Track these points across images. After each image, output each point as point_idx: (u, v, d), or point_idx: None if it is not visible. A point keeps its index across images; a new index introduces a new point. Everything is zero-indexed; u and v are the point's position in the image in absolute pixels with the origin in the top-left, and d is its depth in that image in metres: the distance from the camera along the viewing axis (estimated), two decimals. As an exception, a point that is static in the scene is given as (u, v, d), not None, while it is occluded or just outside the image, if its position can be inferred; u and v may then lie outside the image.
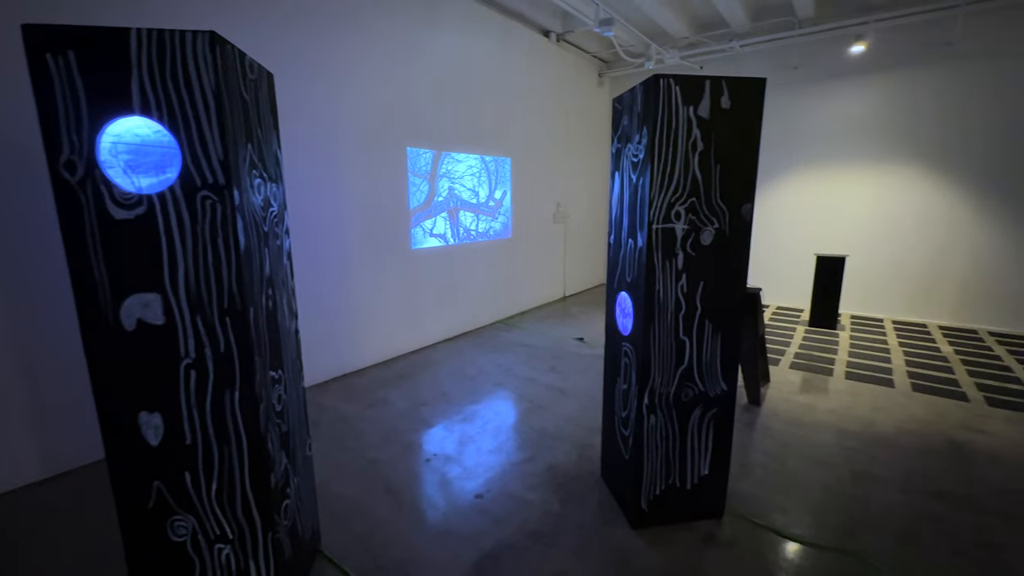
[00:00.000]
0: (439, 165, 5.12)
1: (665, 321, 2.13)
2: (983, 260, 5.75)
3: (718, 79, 1.98)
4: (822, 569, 2.09)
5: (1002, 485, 2.67)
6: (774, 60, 6.63)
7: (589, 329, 5.84)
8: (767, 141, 6.72)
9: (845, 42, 6.10)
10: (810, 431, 3.30)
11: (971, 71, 5.55)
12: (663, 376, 2.19)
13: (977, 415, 3.53)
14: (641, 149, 2.05)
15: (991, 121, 5.52)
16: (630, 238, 2.21)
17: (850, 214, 6.48)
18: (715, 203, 2.07)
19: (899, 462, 2.91)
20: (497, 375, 4.37)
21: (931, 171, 5.91)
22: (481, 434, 3.30)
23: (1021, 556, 2.15)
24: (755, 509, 2.49)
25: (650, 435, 2.24)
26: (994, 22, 5.35)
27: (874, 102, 6.16)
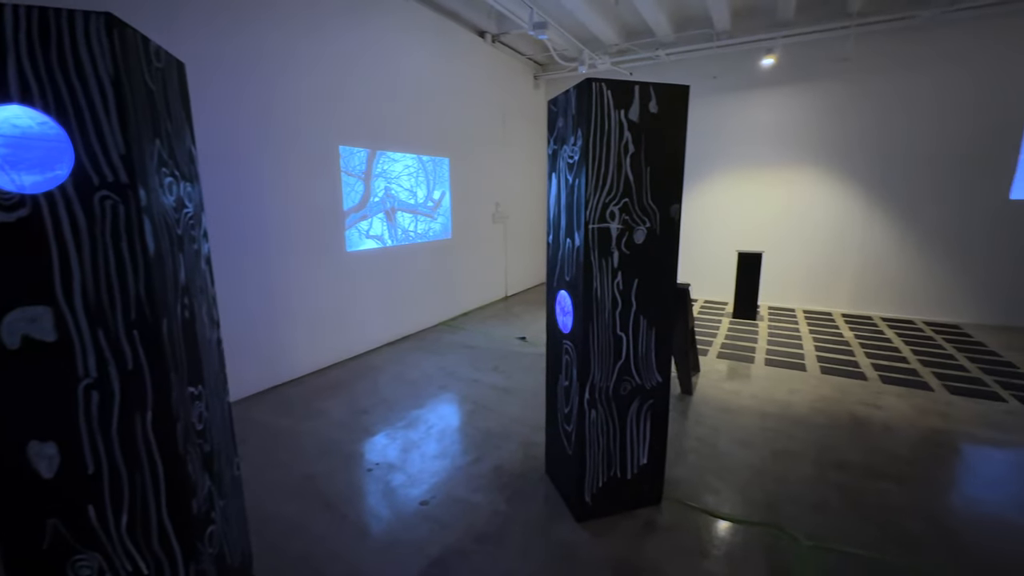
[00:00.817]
0: (374, 164, 4.96)
1: (603, 318, 2.19)
2: (875, 254, 6.47)
3: (646, 85, 2.07)
4: (748, 543, 2.25)
5: (895, 453, 3.02)
6: (696, 70, 7.05)
7: (531, 328, 5.91)
8: (691, 145, 7.13)
9: (757, 55, 6.62)
10: (736, 415, 3.54)
11: (864, 83, 6.23)
12: (602, 371, 2.25)
13: (874, 392, 3.96)
14: (576, 151, 2.10)
15: (881, 129, 6.22)
16: (568, 238, 2.26)
17: (766, 213, 7.05)
18: (646, 203, 2.16)
19: (811, 438, 3.20)
20: (440, 378, 4.31)
21: (831, 174, 6.57)
22: (425, 439, 3.23)
23: (912, 516, 2.43)
24: (690, 492, 2.63)
25: (592, 429, 2.30)
26: (881, 41, 6.03)
27: (783, 111, 6.74)
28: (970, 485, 2.73)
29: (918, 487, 2.66)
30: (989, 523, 2.37)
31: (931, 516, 2.42)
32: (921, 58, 5.89)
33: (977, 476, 2.83)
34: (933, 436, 3.23)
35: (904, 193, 6.21)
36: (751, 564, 2.12)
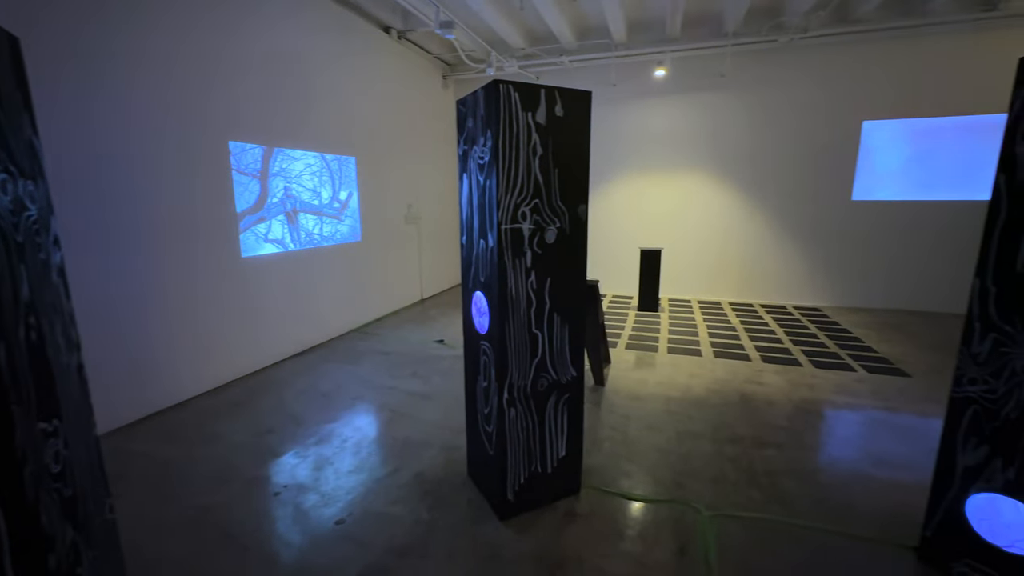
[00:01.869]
0: (271, 162, 4.59)
1: (519, 317, 2.23)
2: (754, 248, 7.31)
3: (552, 89, 2.13)
4: (658, 520, 2.42)
5: (776, 423, 3.43)
6: (597, 77, 7.45)
7: (449, 330, 5.84)
8: (595, 149, 7.53)
9: (651, 67, 7.16)
10: (645, 402, 3.80)
11: (737, 97, 7.00)
12: (520, 370, 2.29)
13: (756, 371, 4.47)
14: (487, 152, 2.11)
15: (752, 138, 7.04)
16: (481, 238, 2.26)
17: (664, 212, 7.65)
18: (556, 204, 2.23)
19: (709, 417, 3.53)
20: (354, 388, 4.10)
21: (717, 177, 7.30)
22: (339, 454, 3.05)
23: (790, 477, 2.78)
24: (606, 479, 2.76)
25: (512, 428, 2.33)
26: (751, 60, 6.82)
27: (674, 119, 7.36)
28: (832, 445, 3.18)
29: (793, 451, 3.05)
30: (846, 475, 2.78)
31: (803, 475, 2.78)
32: (782, 76, 6.76)
33: (837, 436, 3.31)
34: (803, 405, 3.72)
35: (773, 194, 7.09)
36: (661, 539, 2.28)
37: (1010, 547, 1.84)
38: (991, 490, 1.88)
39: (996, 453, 1.85)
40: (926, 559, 2.11)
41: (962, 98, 6.14)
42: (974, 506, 1.93)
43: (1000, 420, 1.83)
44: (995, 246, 1.80)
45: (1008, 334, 1.79)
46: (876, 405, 3.73)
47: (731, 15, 5.96)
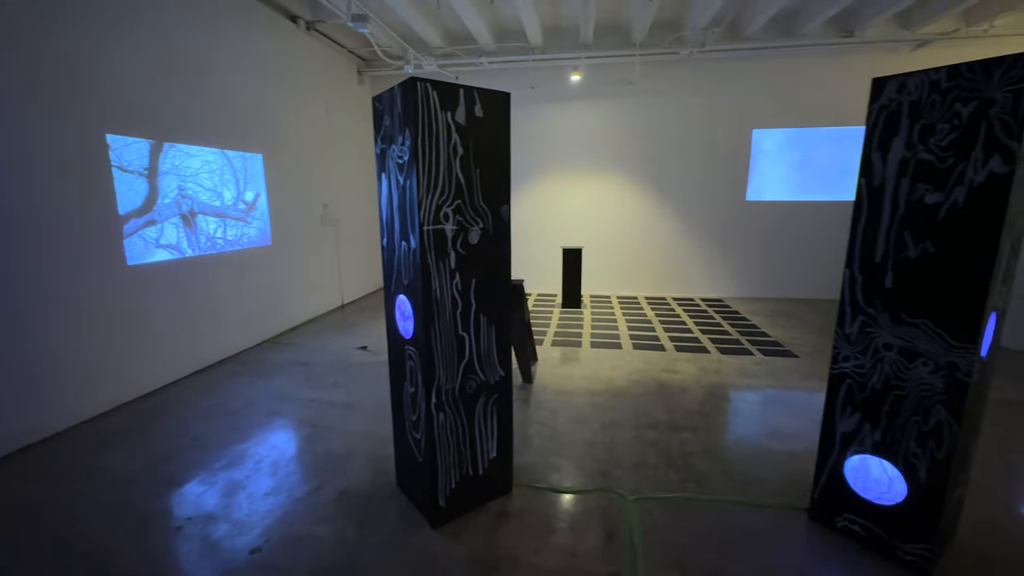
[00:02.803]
0: (161, 159, 4.11)
1: (444, 319, 2.19)
2: (665, 245, 7.84)
3: (471, 89, 2.12)
4: (588, 509, 2.50)
5: (689, 407, 3.69)
6: (516, 79, 7.56)
7: (372, 336, 5.63)
8: (516, 149, 7.65)
9: (567, 72, 7.40)
10: (571, 396, 3.92)
11: (646, 104, 7.46)
12: (447, 373, 2.25)
13: (671, 359, 4.79)
14: (406, 151, 2.05)
15: (660, 142, 7.53)
16: (403, 240, 2.19)
17: (584, 212, 7.95)
18: (479, 204, 2.22)
19: (630, 406, 3.72)
20: (268, 403, 3.80)
21: (630, 178, 7.73)
22: (254, 476, 2.81)
23: (703, 457, 3.00)
24: (537, 475, 2.81)
25: (441, 432, 2.28)
26: (657, 70, 7.30)
27: (591, 122, 7.67)
28: (737, 423, 3.49)
29: (705, 432, 3.30)
30: (750, 450, 3.07)
31: (714, 453, 3.03)
32: (684, 86, 7.32)
33: (741, 415, 3.64)
34: (712, 389, 4.04)
35: (679, 195, 7.65)
36: (591, 528, 2.36)
37: (878, 499, 2.13)
38: (863, 452, 2.17)
39: (865, 419, 2.14)
40: (815, 518, 2.38)
41: (832, 111, 7.05)
42: (850, 467, 2.22)
43: (868, 391, 2.12)
44: (859, 240, 2.08)
45: (871, 316, 2.08)
46: (771, 384, 4.15)
47: (638, 27, 6.33)
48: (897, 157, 1.94)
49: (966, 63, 1.74)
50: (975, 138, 1.73)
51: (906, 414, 2.01)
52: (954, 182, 1.80)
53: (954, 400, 1.87)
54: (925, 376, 1.94)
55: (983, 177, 1.73)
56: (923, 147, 1.86)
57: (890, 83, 1.93)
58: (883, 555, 2.14)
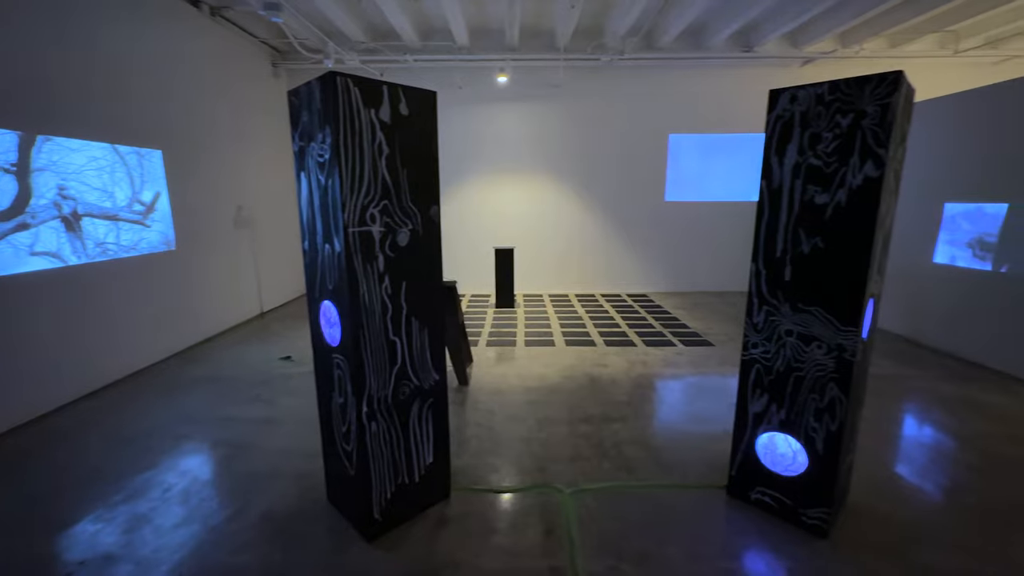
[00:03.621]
0: (34, 153, 3.59)
1: (374, 325, 2.11)
2: (592, 243, 8.13)
3: (395, 86, 2.06)
4: (527, 507, 2.53)
5: (619, 399, 3.86)
6: (443, 78, 7.48)
7: (297, 345, 5.30)
8: (447, 149, 7.57)
9: (494, 72, 7.44)
10: (507, 395, 3.94)
11: (572, 107, 7.70)
12: (379, 380, 2.17)
13: (601, 354, 4.97)
14: (327, 149, 1.94)
15: (585, 144, 7.81)
16: (326, 243, 2.08)
17: (516, 212, 8.04)
18: (407, 205, 2.16)
19: (563, 402, 3.81)
20: (177, 425, 3.45)
21: (559, 179, 7.93)
22: (161, 507, 2.54)
23: (633, 445, 3.15)
24: (475, 477, 2.79)
25: (374, 442, 2.20)
26: (582, 74, 7.55)
27: (520, 124, 7.78)
28: (663, 411, 3.70)
29: (634, 421, 3.47)
30: (675, 435, 3.27)
31: (643, 441, 3.19)
32: (606, 91, 7.64)
33: (666, 403, 3.86)
34: (640, 380, 4.25)
35: (604, 195, 7.98)
36: (530, 525, 2.38)
37: (785, 471, 2.36)
38: (771, 429, 2.38)
39: (772, 400, 2.36)
40: (733, 493, 2.58)
41: (737, 119, 7.69)
42: (760, 444, 2.43)
43: (773, 374, 2.33)
44: (763, 237, 2.28)
45: (774, 306, 2.29)
46: (692, 372, 4.45)
47: (561, 32, 6.51)
48: (791, 162, 2.15)
49: (843, 79, 1.97)
50: (853, 146, 1.97)
51: (805, 393, 2.24)
52: (837, 185, 2.03)
53: (843, 378, 2.11)
54: (819, 358, 2.17)
55: (860, 180, 1.97)
56: (812, 153, 2.08)
57: (784, 95, 2.14)
58: (790, 521, 2.36)
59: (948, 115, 4.92)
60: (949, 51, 6.98)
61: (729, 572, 2.07)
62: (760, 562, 2.14)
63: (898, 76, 1.85)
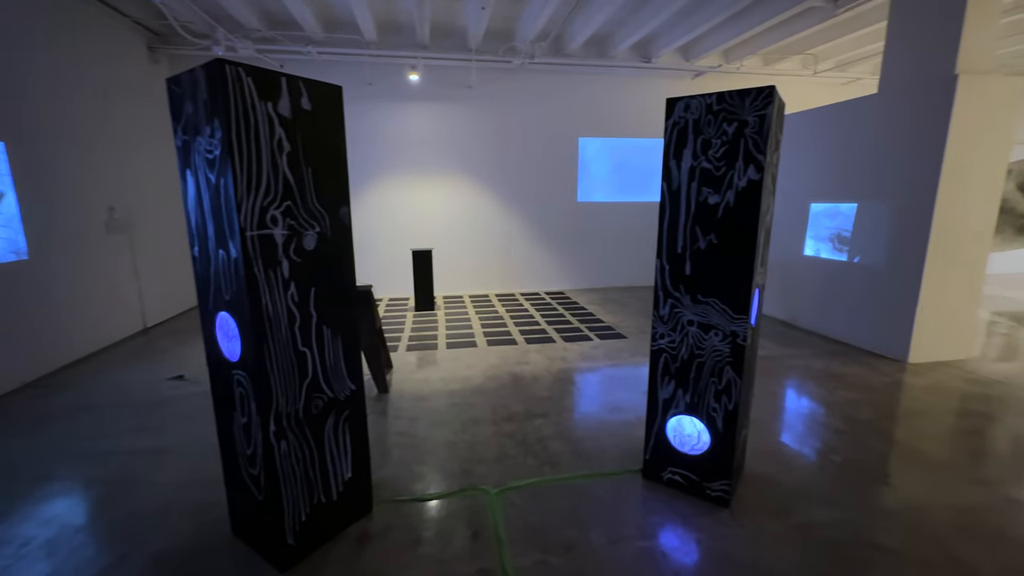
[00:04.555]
0: None
1: (280, 336, 1.95)
2: (512, 243, 8.25)
3: (295, 79, 1.92)
4: (454, 512, 2.49)
5: (541, 395, 3.94)
6: (352, 74, 7.15)
7: (191, 363, 4.76)
8: (359, 148, 7.26)
9: (405, 70, 7.26)
10: (430, 400, 3.86)
11: (487, 108, 7.74)
12: (288, 395, 2.01)
13: (523, 352, 5.06)
14: (216, 144, 1.76)
15: (500, 145, 7.89)
16: (220, 248, 1.88)
17: (434, 213, 7.91)
18: (313, 206, 2.02)
19: (487, 402, 3.82)
20: (35, 466, 2.94)
21: (476, 179, 7.94)
22: (16, 566, 2.14)
23: (556, 440, 3.24)
24: (399, 488, 2.70)
25: (285, 463, 2.03)
26: (495, 76, 7.61)
27: (434, 123, 7.66)
28: (583, 403, 3.85)
29: (556, 416, 3.57)
30: (594, 426, 3.41)
31: (565, 434, 3.29)
32: (519, 93, 7.79)
33: (585, 396, 4.02)
34: (560, 375, 4.39)
35: (520, 196, 8.14)
36: (457, 530, 2.35)
37: (691, 451, 2.56)
38: (678, 413, 2.57)
39: (679, 386, 2.55)
40: (647, 476, 2.75)
41: (641, 124, 8.22)
42: (670, 427, 2.61)
43: (679, 361, 2.52)
44: (665, 235, 2.46)
45: (677, 298, 2.47)
46: (608, 364, 4.68)
47: (473, 32, 6.51)
48: (687, 165, 2.33)
49: (728, 91, 2.17)
50: (738, 151, 2.18)
51: (706, 377, 2.45)
52: (726, 186, 2.24)
53: (737, 361, 2.34)
54: (717, 344, 2.38)
55: (744, 183, 2.19)
56: (704, 158, 2.28)
57: (679, 103, 2.31)
58: (697, 495, 2.57)
59: (810, 126, 5.67)
60: (810, 71, 8.04)
61: (646, 550, 2.20)
62: (673, 537, 2.30)
63: (771, 90, 2.08)
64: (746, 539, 2.27)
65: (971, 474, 2.79)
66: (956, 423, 3.45)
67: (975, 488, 2.65)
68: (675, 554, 2.19)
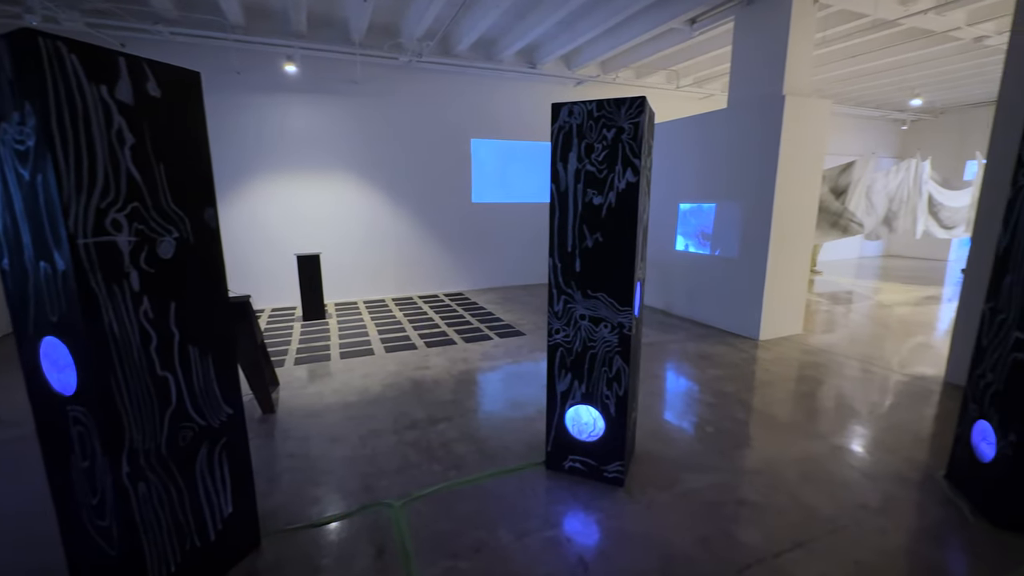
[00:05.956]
0: None
1: (131, 361, 1.66)
2: (406, 245, 8.02)
3: (138, 60, 1.64)
4: (355, 532, 2.34)
5: (444, 399, 3.89)
6: (216, 61, 6.38)
7: (6, 400, 3.88)
8: (230, 143, 6.51)
9: (281, 60, 6.66)
10: (324, 416, 3.59)
11: (376, 105, 7.42)
12: (145, 429, 1.72)
13: (422, 356, 4.95)
14: (29, 133, 1.44)
15: (391, 144, 7.62)
16: (41, 260, 1.55)
17: (321, 215, 7.37)
18: (168, 208, 1.76)
19: (387, 411, 3.67)
20: None
21: (366, 179, 7.58)
22: None
23: (460, 441, 3.21)
24: (291, 515, 2.47)
25: (144, 508, 1.74)
26: (383, 72, 7.32)
27: (317, 119, 7.14)
28: (486, 403, 3.88)
29: (460, 418, 3.54)
30: (498, 424, 3.45)
31: (468, 436, 3.28)
32: (411, 92, 7.60)
33: (488, 395, 4.05)
34: (462, 376, 4.37)
35: (414, 196, 7.96)
36: (359, 550, 2.22)
37: (588, 438, 2.71)
38: (575, 404, 2.71)
39: (575, 377, 2.68)
40: (550, 467, 2.86)
41: (530, 127, 8.50)
42: (568, 417, 2.74)
43: (574, 355, 2.65)
44: (556, 234, 2.57)
45: (570, 294, 2.60)
46: (508, 361, 4.77)
47: (355, 25, 6.20)
48: (573, 168, 2.46)
49: (606, 99, 2.33)
50: (617, 155, 2.35)
51: (598, 367, 2.60)
52: (608, 188, 2.40)
53: (625, 350, 2.52)
54: (607, 336, 2.55)
55: (624, 185, 2.36)
56: (588, 161, 2.42)
57: (564, 108, 2.43)
58: (596, 479, 2.73)
59: (676, 135, 6.34)
60: (673, 85, 8.99)
61: (552, 539, 2.28)
62: (576, 521, 2.41)
63: (643, 100, 2.28)
64: (640, 513, 2.46)
65: (809, 429, 3.34)
66: (796, 388, 4.10)
67: (812, 441, 3.18)
68: (578, 538, 2.30)
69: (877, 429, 3.35)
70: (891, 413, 3.60)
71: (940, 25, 5.89)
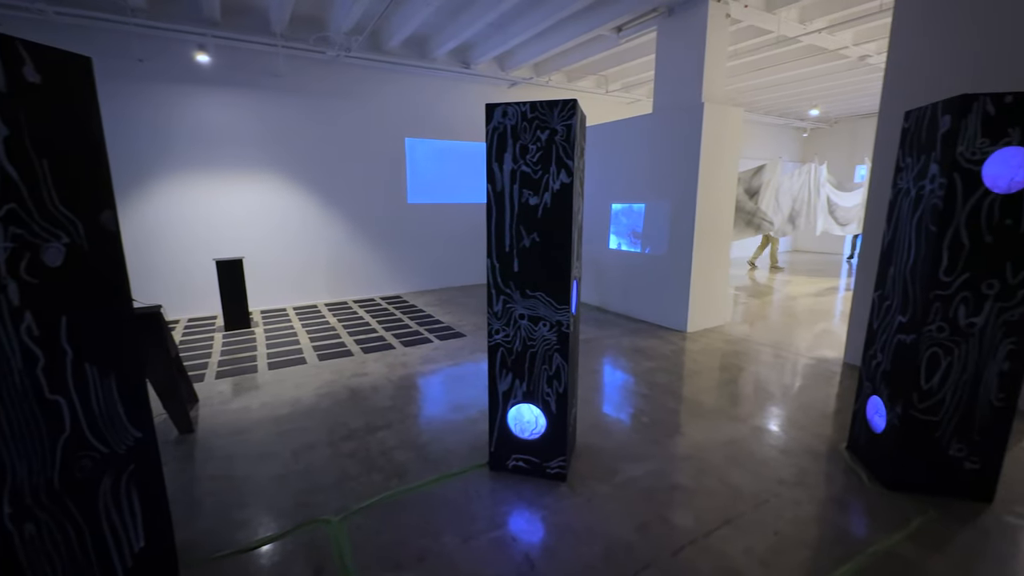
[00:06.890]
0: None
1: (11, 385, 1.45)
2: (338, 247, 7.69)
3: (11, 40, 1.44)
4: (289, 553, 2.21)
5: (383, 405, 3.77)
6: (113, 46, 5.75)
7: None
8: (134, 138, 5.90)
9: (191, 49, 6.14)
10: (250, 432, 3.35)
11: (302, 101, 7.03)
12: (31, 461, 1.51)
13: (359, 363, 4.76)
14: None
15: (320, 142, 7.27)
16: None
17: (243, 216, 6.86)
18: (55, 210, 1.55)
19: (323, 422, 3.49)
20: None
21: (293, 178, 7.16)
22: None
23: (401, 449, 3.12)
24: (216, 543, 2.27)
25: (32, 552, 1.53)
26: (309, 66, 6.95)
27: (235, 113, 6.64)
28: (426, 407, 3.80)
29: (400, 425, 3.45)
30: (439, 427, 3.40)
31: (409, 442, 3.20)
32: (340, 88, 7.28)
33: (429, 399, 3.98)
34: (402, 382, 4.26)
35: (347, 197, 7.65)
36: (296, 573, 2.09)
37: (531, 436, 2.73)
38: (517, 403, 2.72)
39: (516, 377, 2.69)
40: (494, 467, 2.85)
41: (466, 127, 8.44)
42: (510, 417, 2.75)
43: (514, 354, 2.67)
44: (494, 235, 2.56)
45: (508, 294, 2.61)
46: (449, 364, 4.72)
47: (276, 16, 5.85)
48: (509, 168, 2.47)
49: (540, 101, 2.36)
50: (551, 156, 2.39)
51: (539, 366, 2.64)
52: (543, 188, 2.43)
53: (563, 347, 2.57)
54: (546, 334, 2.58)
55: (558, 185, 2.41)
56: (523, 161, 2.44)
57: (498, 109, 2.43)
58: (540, 476, 2.76)
59: (606, 137, 6.58)
60: (603, 90, 9.33)
61: (498, 540, 2.28)
62: (521, 520, 2.43)
63: (574, 103, 2.33)
64: (582, 506, 2.52)
65: (732, 414, 3.59)
66: (720, 376, 4.40)
67: (735, 424, 3.42)
68: (524, 536, 2.32)
69: (790, 409, 3.67)
70: (800, 394, 3.97)
71: (832, 44, 6.57)
